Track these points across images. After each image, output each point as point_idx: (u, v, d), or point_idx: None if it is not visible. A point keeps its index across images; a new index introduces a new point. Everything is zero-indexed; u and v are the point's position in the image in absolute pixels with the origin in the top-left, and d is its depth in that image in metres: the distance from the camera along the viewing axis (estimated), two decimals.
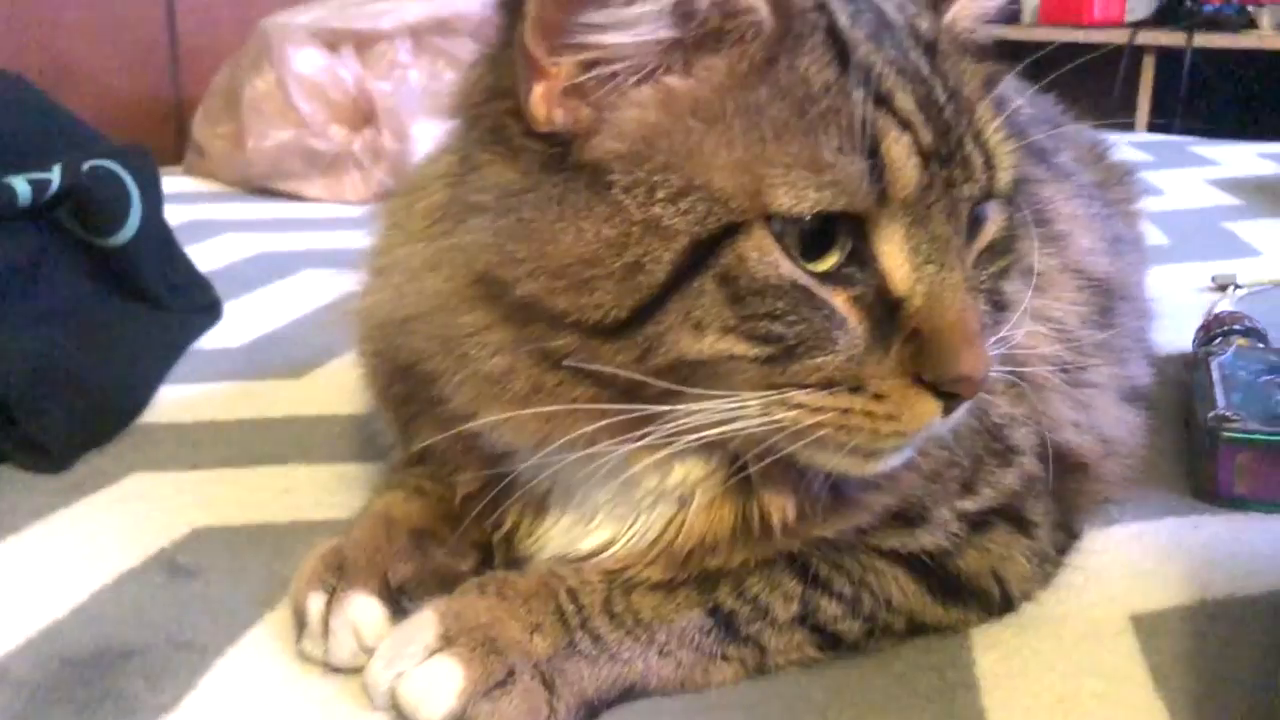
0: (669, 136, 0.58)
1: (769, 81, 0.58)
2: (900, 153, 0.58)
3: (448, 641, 0.65)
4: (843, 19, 0.61)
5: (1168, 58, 3.47)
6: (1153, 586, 0.80)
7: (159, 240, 1.27)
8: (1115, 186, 1.27)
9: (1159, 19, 3.59)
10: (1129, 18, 3.66)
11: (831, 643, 0.72)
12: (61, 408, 0.95)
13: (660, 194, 0.57)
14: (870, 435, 0.60)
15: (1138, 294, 1.10)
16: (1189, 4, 3.55)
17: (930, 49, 0.63)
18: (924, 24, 0.65)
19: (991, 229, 0.66)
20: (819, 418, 0.59)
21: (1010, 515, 0.78)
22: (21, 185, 1.07)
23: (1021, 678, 0.71)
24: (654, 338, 0.58)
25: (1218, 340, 1.09)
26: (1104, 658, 0.73)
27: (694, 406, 0.60)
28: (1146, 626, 0.76)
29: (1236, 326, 1.10)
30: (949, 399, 0.59)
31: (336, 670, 0.69)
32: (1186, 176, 2.16)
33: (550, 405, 0.61)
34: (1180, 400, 1.07)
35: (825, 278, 0.58)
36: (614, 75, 0.59)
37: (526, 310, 0.60)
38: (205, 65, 2.22)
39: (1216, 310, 1.18)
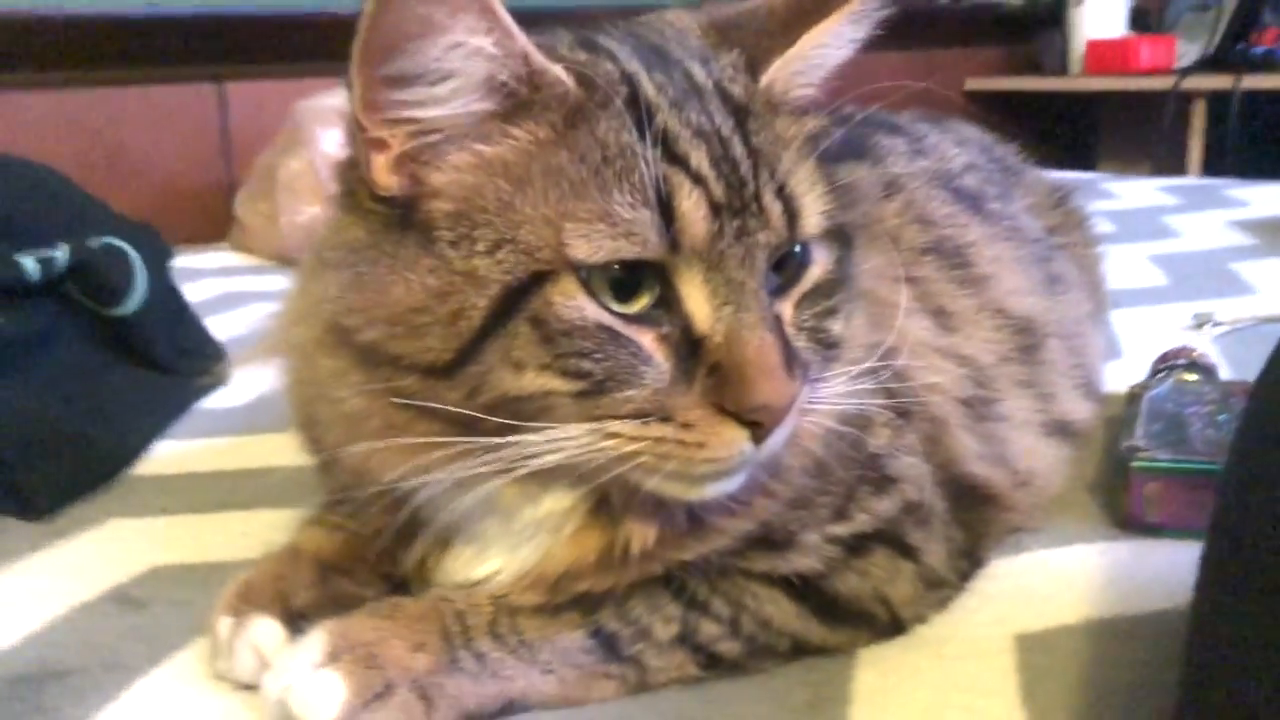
0: (484, 196, 0.65)
1: (570, 145, 0.64)
2: (690, 206, 0.63)
3: (333, 658, 0.70)
4: (647, 88, 0.67)
5: (1219, 101, 3.44)
6: (1045, 608, 0.82)
7: (168, 309, 1.37)
8: (1073, 230, 1.30)
9: (1210, 64, 3.57)
10: (1178, 64, 3.64)
11: (712, 662, 0.76)
12: (51, 465, 1.05)
13: (479, 247, 0.64)
14: (684, 462, 0.65)
15: (1077, 332, 1.12)
16: (1239, 47, 3.52)
17: (740, 110, 0.68)
18: (736, 88, 0.70)
19: (816, 271, 0.71)
20: (635, 445, 0.64)
21: (890, 539, 0.81)
22: (30, 263, 1.18)
23: (895, 693, 0.74)
24: (479, 376, 0.64)
25: (1160, 374, 1.10)
26: (979, 675, 0.75)
27: (528, 438, 0.65)
28: (1028, 645, 0.78)
29: (1181, 361, 1.11)
30: (754, 427, 0.64)
31: (246, 688, 0.75)
32: (1207, 219, 2.15)
33: (403, 439, 0.67)
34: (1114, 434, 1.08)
35: (635, 318, 0.64)
36: (436, 144, 0.66)
37: (372, 354, 0.67)
38: (254, 149, 2.36)
39: (1173, 346, 1.19)
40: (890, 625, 0.80)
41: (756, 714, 0.73)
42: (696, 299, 0.65)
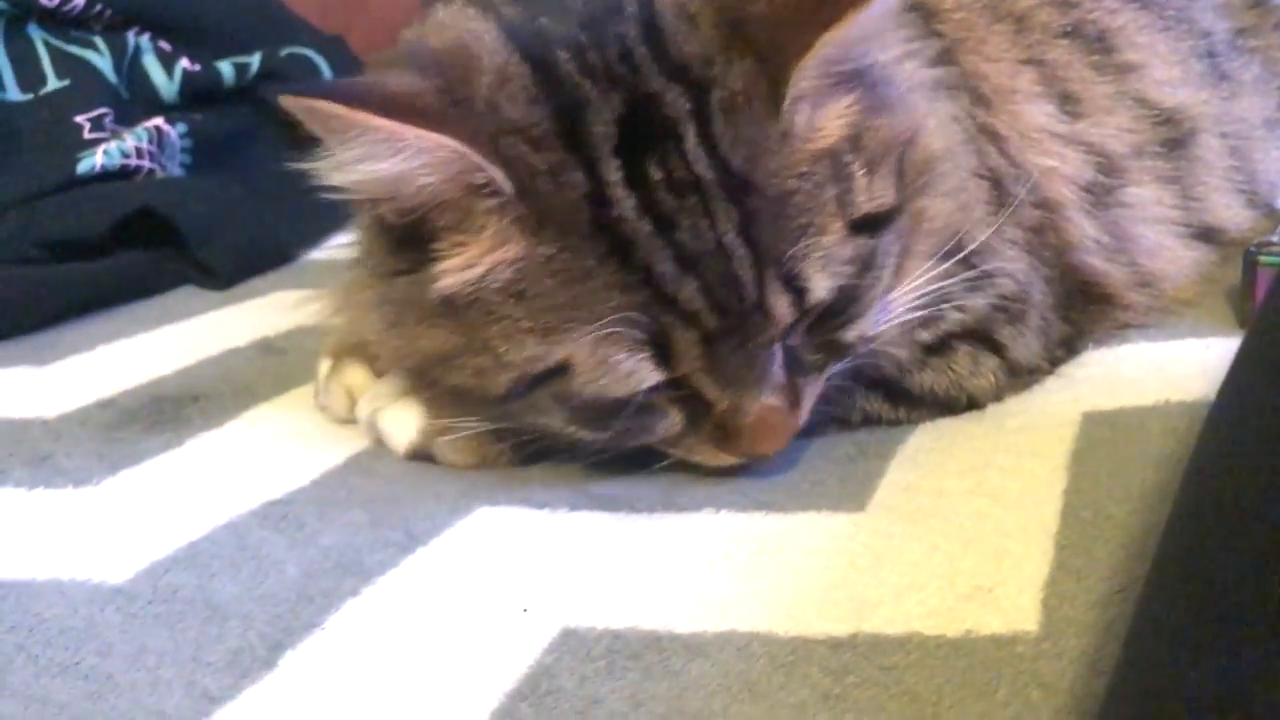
0: (491, 291, 0.63)
1: (546, 264, 0.61)
2: (684, 345, 0.62)
3: (417, 390, 0.77)
4: (624, 206, 0.61)
5: None
6: (1125, 390, 0.79)
7: None
8: (1269, 33, 1.19)
9: None
10: None
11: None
12: (227, 241, 1.17)
13: (495, 329, 0.63)
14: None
15: (1246, 134, 1.04)
16: None
17: (744, 187, 0.62)
18: (738, 157, 0.62)
19: (821, 295, 0.64)
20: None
21: (977, 336, 0.79)
22: (226, 68, 1.30)
23: (939, 452, 0.74)
24: (506, 411, 0.68)
25: None
26: (1032, 442, 0.74)
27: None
28: (1094, 420, 0.76)
29: None
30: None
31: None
32: None
33: None
34: None
35: (652, 388, 0.64)
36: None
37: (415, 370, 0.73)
38: None
39: None
40: (967, 408, 0.80)
41: (797, 459, 0.74)
42: (705, 385, 0.65)
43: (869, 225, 0.66)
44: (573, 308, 0.61)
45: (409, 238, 0.65)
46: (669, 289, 0.61)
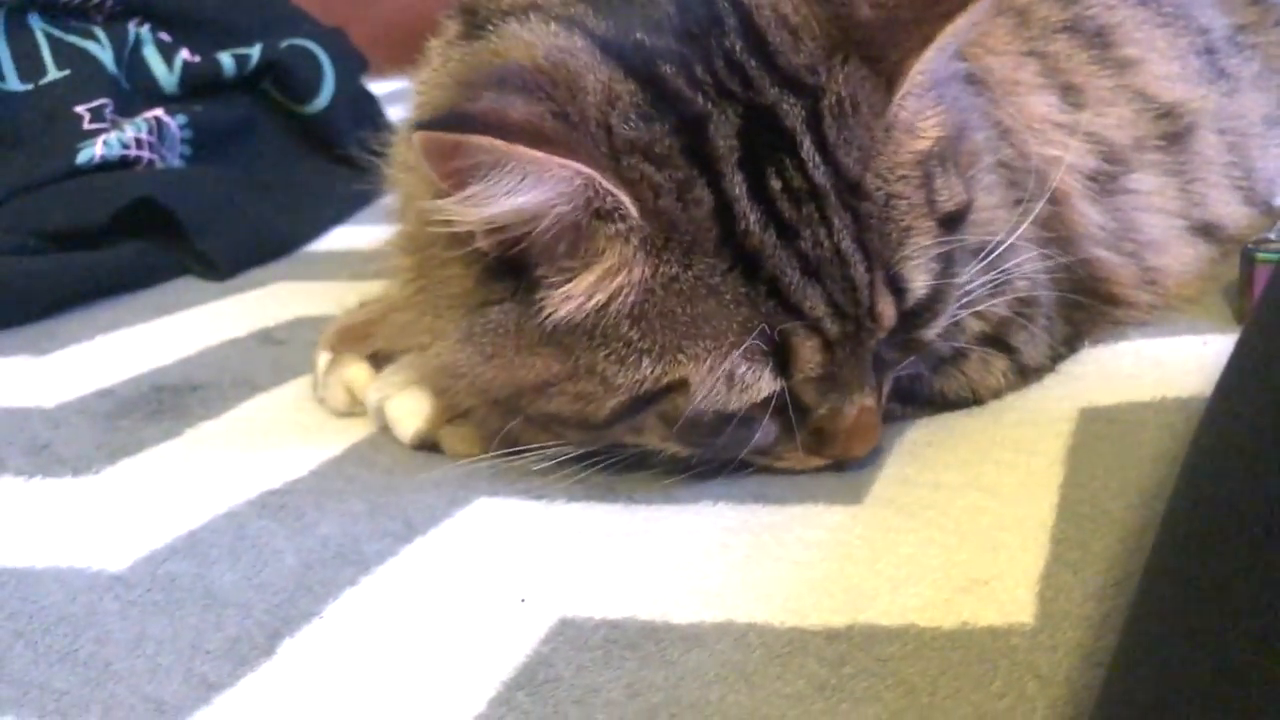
0: (605, 311, 0.61)
1: (668, 283, 0.60)
2: (807, 353, 0.62)
3: (424, 380, 0.77)
4: (748, 219, 0.61)
5: None
6: (1123, 386, 0.79)
7: (359, 111, 1.48)
8: (1269, 29, 1.19)
9: None
10: None
11: None
12: (227, 232, 1.17)
13: (604, 353, 0.62)
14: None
15: (1245, 131, 1.04)
16: None
17: (856, 191, 0.62)
18: (851, 159, 0.62)
19: (920, 295, 0.65)
20: None
21: (991, 341, 0.79)
22: (227, 60, 1.30)
23: (937, 446, 0.74)
24: (601, 434, 0.67)
25: None
26: (1029, 437, 0.74)
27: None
28: (1091, 416, 0.76)
29: None
30: None
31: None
32: None
33: None
34: None
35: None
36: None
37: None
38: None
39: None
40: (971, 405, 0.80)
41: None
42: (807, 392, 0.65)
43: (949, 223, 0.66)
44: (694, 324, 0.61)
45: (505, 267, 0.64)
46: (794, 298, 0.61)
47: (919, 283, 0.64)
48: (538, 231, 0.61)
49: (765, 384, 0.62)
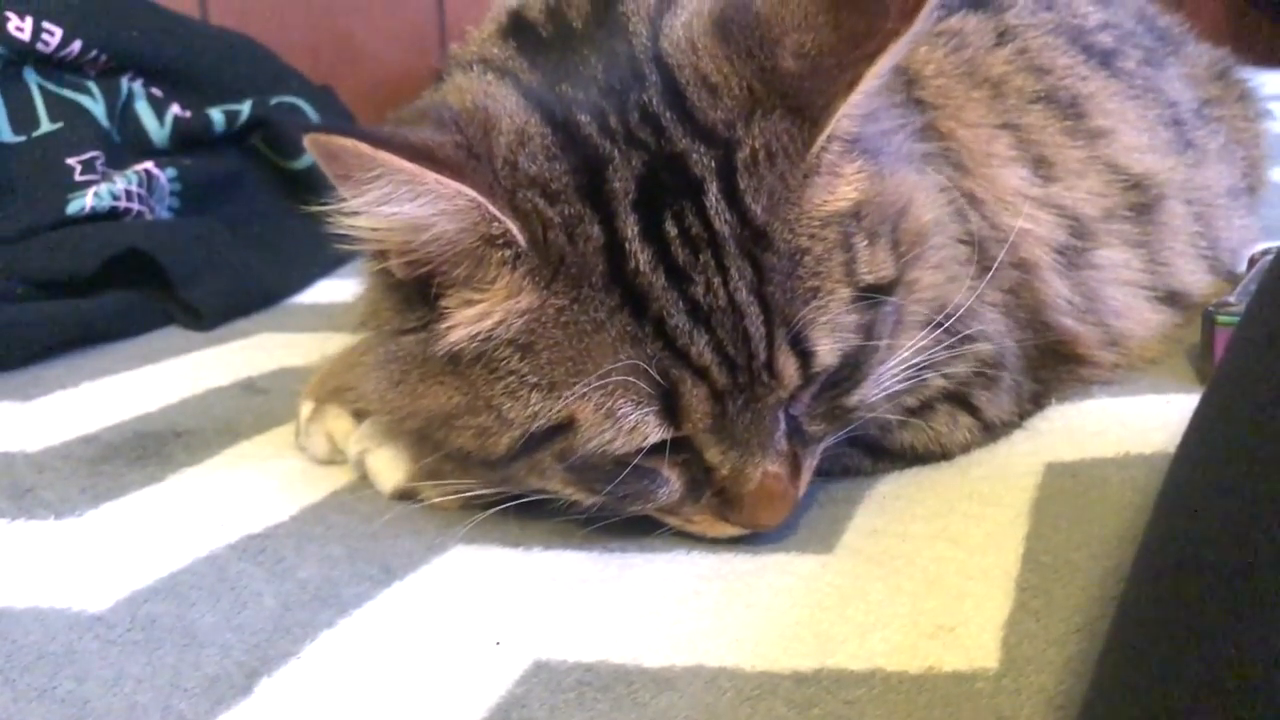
0: (498, 344, 0.64)
1: (556, 316, 0.62)
2: (694, 401, 0.62)
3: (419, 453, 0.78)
4: (639, 259, 0.62)
5: None
6: (1088, 443, 0.81)
7: None
8: (1233, 104, 1.23)
9: None
10: None
11: None
12: (212, 282, 1.19)
13: (499, 388, 0.64)
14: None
15: (1210, 202, 1.07)
16: None
17: (760, 241, 0.63)
18: (759, 206, 0.63)
19: (828, 360, 0.65)
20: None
21: (955, 398, 0.81)
22: (217, 115, 1.33)
23: (905, 499, 0.76)
24: (505, 475, 0.68)
25: None
26: (995, 490, 0.76)
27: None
28: (1056, 471, 0.78)
29: None
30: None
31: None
32: None
33: None
34: None
35: (652, 450, 0.64)
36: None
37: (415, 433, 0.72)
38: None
39: None
40: (939, 459, 0.82)
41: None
42: (708, 447, 0.65)
43: (871, 295, 0.66)
44: (581, 360, 0.62)
45: (417, 295, 0.66)
46: (680, 342, 0.62)
47: (825, 346, 0.64)
48: (435, 253, 0.63)
49: (652, 429, 0.62)
